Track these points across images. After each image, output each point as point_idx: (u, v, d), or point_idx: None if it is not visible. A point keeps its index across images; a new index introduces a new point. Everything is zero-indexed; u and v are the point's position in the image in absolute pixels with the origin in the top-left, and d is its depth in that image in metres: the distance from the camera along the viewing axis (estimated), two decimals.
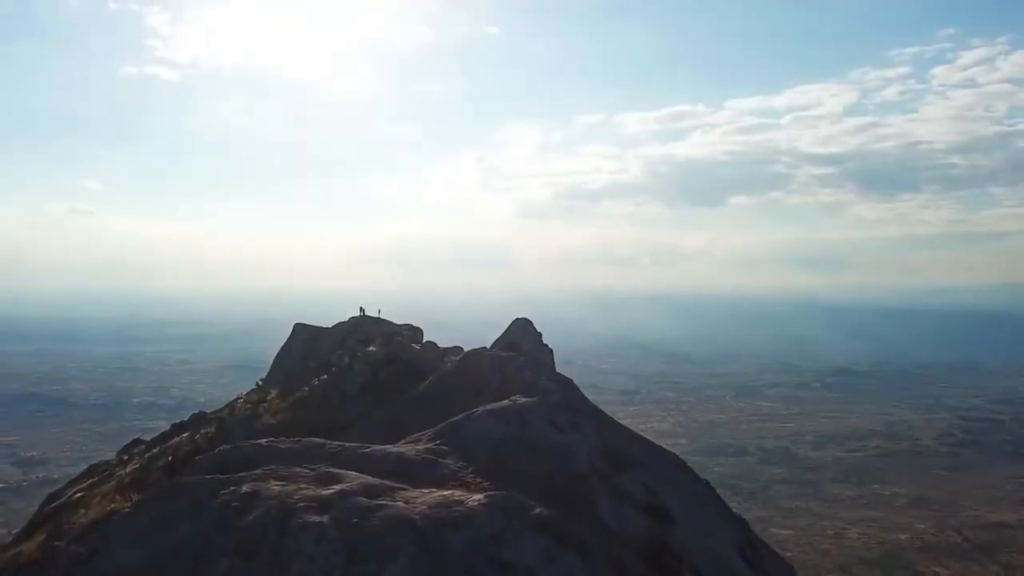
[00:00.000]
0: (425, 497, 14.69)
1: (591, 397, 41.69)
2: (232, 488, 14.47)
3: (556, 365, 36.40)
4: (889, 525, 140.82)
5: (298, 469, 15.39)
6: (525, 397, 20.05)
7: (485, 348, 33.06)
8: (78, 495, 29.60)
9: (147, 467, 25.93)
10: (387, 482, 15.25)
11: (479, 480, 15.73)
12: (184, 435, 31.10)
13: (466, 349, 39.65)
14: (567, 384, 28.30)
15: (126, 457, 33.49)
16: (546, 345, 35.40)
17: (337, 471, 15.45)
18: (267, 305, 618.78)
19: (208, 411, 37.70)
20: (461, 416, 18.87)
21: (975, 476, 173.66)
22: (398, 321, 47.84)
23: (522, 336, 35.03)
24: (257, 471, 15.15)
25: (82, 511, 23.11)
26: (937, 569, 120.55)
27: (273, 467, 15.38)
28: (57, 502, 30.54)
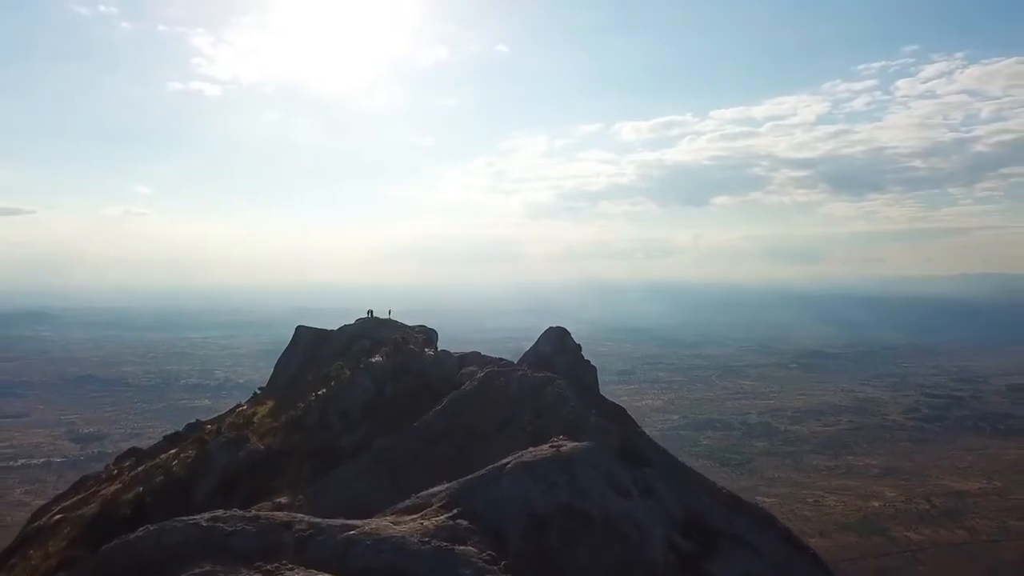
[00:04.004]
0: None
1: None
2: None
3: None
4: (864, 493, 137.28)
5: (246, 573, 8.62)
6: (569, 440, 12.31)
7: (511, 364, 24.04)
8: (57, 517, 23.97)
9: (103, 507, 19.78)
10: None
11: None
12: (171, 451, 24.87)
13: (479, 344, 32.45)
14: (622, 417, 19.12)
15: (116, 471, 27.52)
16: (587, 361, 25.13)
17: None
18: (300, 296, 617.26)
19: (206, 419, 31.66)
20: (487, 470, 11.57)
21: (940, 448, 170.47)
22: (412, 321, 39.70)
23: (555, 350, 25.29)
24: None
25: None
26: (908, 534, 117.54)
27: (209, 569, 8.67)
28: (38, 522, 24.92)
